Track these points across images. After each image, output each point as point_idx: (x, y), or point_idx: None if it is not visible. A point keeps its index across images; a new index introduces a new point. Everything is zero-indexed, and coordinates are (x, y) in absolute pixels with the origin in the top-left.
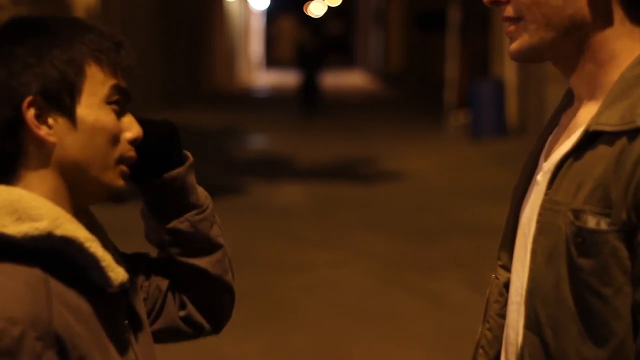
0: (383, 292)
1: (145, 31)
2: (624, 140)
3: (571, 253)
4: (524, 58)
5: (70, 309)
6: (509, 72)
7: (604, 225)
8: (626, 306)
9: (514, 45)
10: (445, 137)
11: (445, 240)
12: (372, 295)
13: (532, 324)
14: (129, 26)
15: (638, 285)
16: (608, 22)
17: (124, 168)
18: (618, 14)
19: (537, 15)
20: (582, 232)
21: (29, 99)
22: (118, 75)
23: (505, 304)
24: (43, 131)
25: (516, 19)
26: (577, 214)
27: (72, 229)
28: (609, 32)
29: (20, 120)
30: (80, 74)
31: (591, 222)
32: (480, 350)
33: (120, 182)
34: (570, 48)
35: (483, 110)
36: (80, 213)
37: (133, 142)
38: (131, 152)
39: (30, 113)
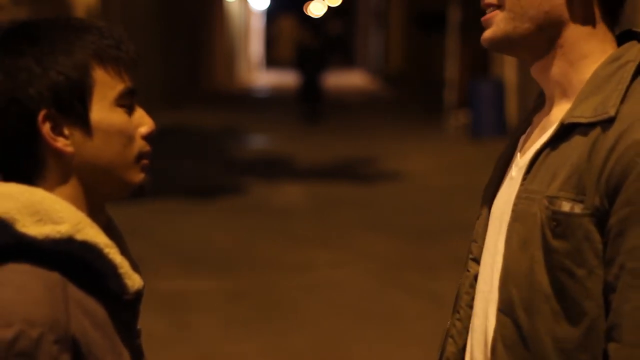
0: (383, 292)
1: (145, 31)
2: (597, 130)
3: (546, 236)
4: (496, 46)
5: (87, 315)
6: (509, 72)
7: (578, 210)
8: (598, 287)
9: (488, 32)
10: (445, 137)
11: (445, 240)
12: (372, 295)
13: (506, 307)
14: (129, 26)
15: (610, 268)
16: (583, 22)
17: (144, 162)
18: (594, 15)
19: (516, 5)
20: (557, 216)
21: (43, 112)
22: (122, 73)
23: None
24: (60, 143)
25: (497, 6)
26: (552, 200)
27: (93, 234)
28: (582, 33)
29: (36, 134)
30: (88, 79)
31: (565, 207)
32: (450, 340)
33: (141, 177)
34: (541, 44)
35: (483, 110)
36: (98, 214)
37: (147, 137)
38: (147, 147)
39: (46, 127)
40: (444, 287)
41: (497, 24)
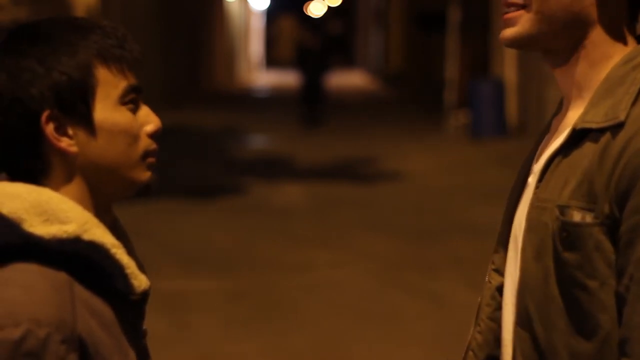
0: (383, 292)
1: (145, 31)
2: (607, 135)
3: (557, 248)
4: (518, 45)
5: (94, 314)
6: (509, 72)
7: (589, 219)
8: (611, 299)
9: (511, 31)
10: (445, 137)
11: (445, 240)
12: (372, 295)
13: (523, 320)
14: (129, 26)
15: (621, 277)
16: (610, 24)
17: (150, 160)
18: (620, 17)
19: (544, 6)
20: (566, 227)
21: (46, 113)
22: (126, 72)
23: (496, 308)
24: (64, 143)
25: (521, 6)
26: (563, 209)
27: (100, 234)
28: (607, 34)
29: (40, 135)
30: (91, 79)
31: (577, 217)
32: (470, 353)
33: (147, 175)
34: (565, 44)
35: (483, 110)
36: (104, 214)
37: (153, 135)
38: (153, 145)
39: (50, 127)
40: (444, 287)
41: (522, 24)
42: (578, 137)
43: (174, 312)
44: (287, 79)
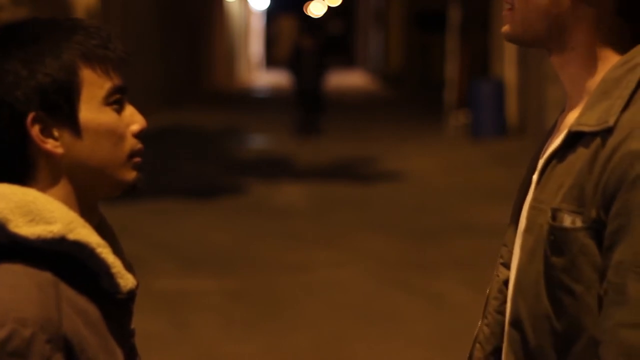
0: (383, 292)
1: (146, 31)
2: (598, 140)
3: (546, 251)
4: (511, 42)
5: (79, 313)
6: (509, 72)
7: (579, 223)
8: (596, 303)
9: (505, 28)
10: (445, 137)
11: (445, 240)
12: (372, 295)
13: (515, 320)
14: (129, 26)
15: (602, 282)
16: (594, 25)
17: (136, 160)
18: (607, 17)
19: (524, 8)
20: (554, 230)
21: (31, 115)
22: (110, 72)
23: (503, 301)
24: (50, 144)
25: (511, 5)
26: (555, 212)
27: (85, 234)
28: (594, 36)
29: (26, 137)
30: (75, 80)
31: (567, 220)
32: (477, 346)
33: (134, 175)
34: (555, 46)
35: (483, 110)
36: (90, 214)
37: (139, 135)
38: (139, 145)
39: (35, 129)
40: (444, 287)
41: (510, 23)
42: (573, 139)
43: (174, 312)
44: (287, 79)
